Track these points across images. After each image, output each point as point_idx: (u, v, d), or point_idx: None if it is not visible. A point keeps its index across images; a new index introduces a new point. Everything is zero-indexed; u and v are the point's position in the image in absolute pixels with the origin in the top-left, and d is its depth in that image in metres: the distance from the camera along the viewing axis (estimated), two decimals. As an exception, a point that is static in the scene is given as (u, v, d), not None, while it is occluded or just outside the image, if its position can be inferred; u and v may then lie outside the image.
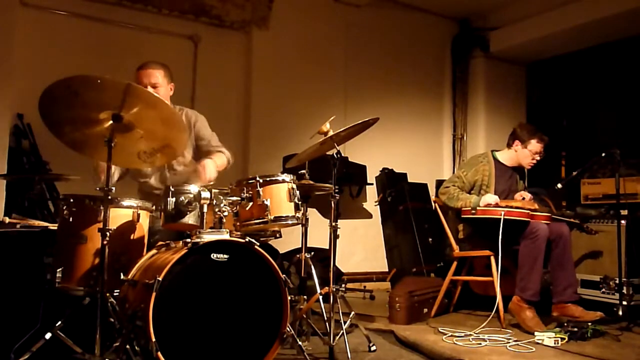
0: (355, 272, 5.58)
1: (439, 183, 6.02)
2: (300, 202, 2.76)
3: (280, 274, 2.42)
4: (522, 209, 3.59)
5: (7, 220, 2.95)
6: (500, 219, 3.51)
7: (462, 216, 3.84)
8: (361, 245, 5.80)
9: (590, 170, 4.68)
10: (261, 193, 2.62)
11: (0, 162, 4.09)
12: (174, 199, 2.49)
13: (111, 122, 2.36)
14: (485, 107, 6.66)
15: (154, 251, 2.55)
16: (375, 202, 5.76)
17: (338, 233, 2.98)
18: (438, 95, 6.74)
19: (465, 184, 3.88)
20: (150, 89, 3.03)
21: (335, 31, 5.89)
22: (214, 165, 2.99)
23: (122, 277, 2.46)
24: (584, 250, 4.33)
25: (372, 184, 5.84)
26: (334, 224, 2.96)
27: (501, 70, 6.80)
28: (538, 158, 3.94)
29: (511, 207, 3.61)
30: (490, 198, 3.70)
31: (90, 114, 2.34)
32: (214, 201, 2.52)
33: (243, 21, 5.37)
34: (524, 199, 3.82)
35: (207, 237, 2.35)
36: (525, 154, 3.93)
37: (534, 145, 3.89)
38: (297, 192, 2.75)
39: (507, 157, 4.02)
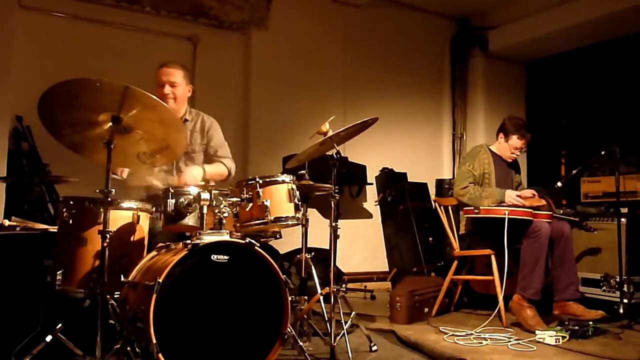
0: (355, 272, 5.57)
1: (439, 182, 6.03)
2: (300, 203, 2.76)
3: (281, 274, 2.42)
4: (524, 208, 3.60)
5: (7, 222, 2.95)
6: (502, 218, 3.51)
7: (465, 215, 3.85)
8: (361, 245, 5.79)
9: (590, 169, 4.69)
10: (261, 194, 2.62)
11: (-1, 165, 4.09)
12: (173, 201, 2.48)
13: (110, 124, 2.36)
14: (484, 106, 6.66)
15: (154, 253, 2.55)
16: (375, 202, 5.76)
17: (338, 233, 2.97)
18: (437, 94, 6.74)
19: (476, 177, 3.90)
20: (168, 88, 3.14)
21: (334, 31, 5.89)
22: (200, 172, 3.01)
23: (122, 279, 2.46)
24: (584, 248, 4.33)
25: (372, 184, 5.84)
26: (334, 224, 2.95)
27: (500, 69, 6.80)
28: (518, 153, 4.01)
29: (513, 206, 3.62)
30: (512, 193, 3.73)
31: (89, 116, 2.35)
32: (214, 202, 2.51)
33: (242, 22, 5.37)
34: (534, 195, 3.81)
35: (207, 238, 2.35)
36: (505, 147, 4.00)
37: (514, 140, 3.95)
38: (297, 193, 2.75)
39: (496, 148, 4.08)
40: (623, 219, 4.03)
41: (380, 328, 3.54)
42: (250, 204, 2.61)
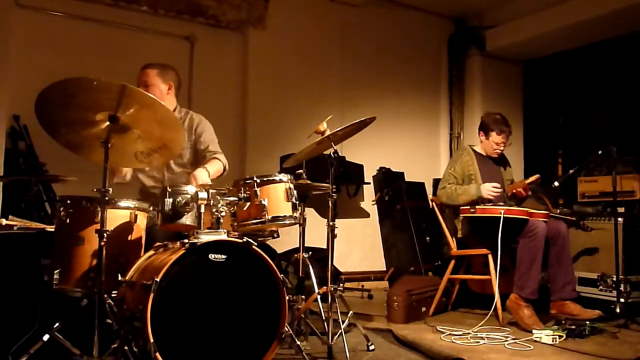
0: (353, 272, 5.58)
1: (436, 182, 6.01)
2: (297, 202, 2.76)
3: (278, 274, 2.42)
4: (521, 208, 3.61)
5: (4, 222, 2.94)
6: (498, 217, 3.52)
7: (461, 215, 3.85)
8: (359, 245, 5.79)
9: (586, 168, 4.70)
10: (259, 193, 2.61)
11: (-4, 164, 4.09)
12: (171, 200, 2.48)
13: (108, 123, 2.36)
14: (481, 106, 6.66)
15: (151, 252, 2.55)
16: (373, 201, 5.76)
17: (336, 232, 2.98)
18: (435, 94, 6.75)
19: (458, 179, 3.96)
20: (141, 89, 3.09)
21: (331, 30, 5.89)
22: (207, 173, 2.99)
23: (119, 278, 2.45)
24: (581, 247, 4.34)
25: (369, 183, 5.84)
26: (331, 223, 2.95)
27: (497, 69, 6.80)
28: (501, 148, 4.03)
29: (510, 205, 3.63)
30: (487, 185, 3.76)
31: (86, 115, 2.34)
32: (212, 201, 2.51)
33: (239, 21, 5.37)
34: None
35: (205, 237, 2.34)
36: (488, 144, 4.03)
37: (494, 137, 3.98)
38: (295, 192, 2.74)
39: (480, 148, 4.11)
40: (620, 219, 4.04)
41: (377, 327, 3.54)
42: (248, 203, 2.61)
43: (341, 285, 3.17)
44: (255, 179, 2.64)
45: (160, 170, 3.20)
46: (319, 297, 3.03)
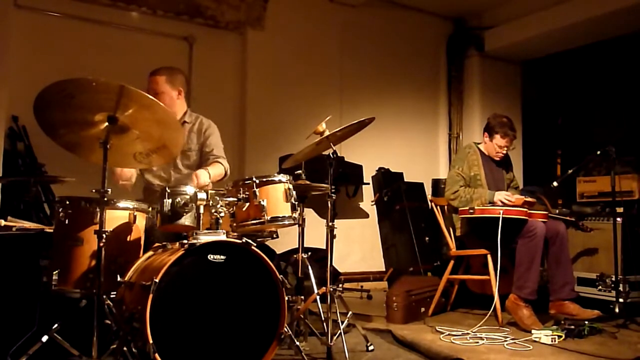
0: (352, 272, 5.58)
1: (435, 182, 6.04)
2: (296, 203, 2.76)
3: (278, 274, 2.42)
4: (519, 208, 3.61)
5: (3, 223, 2.94)
6: (497, 217, 3.52)
7: (460, 215, 3.85)
8: (358, 245, 5.79)
9: (585, 168, 4.70)
10: (258, 194, 2.61)
11: (-5, 165, 4.08)
12: (170, 200, 2.48)
13: (106, 124, 2.36)
14: (480, 106, 6.67)
15: (150, 253, 2.55)
16: (372, 201, 5.77)
17: (335, 233, 2.98)
18: (434, 94, 6.75)
19: (466, 179, 3.92)
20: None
21: (330, 31, 5.89)
22: (207, 175, 3.01)
23: (118, 279, 2.45)
24: (580, 248, 4.34)
25: (368, 184, 5.84)
26: (330, 224, 2.95)
27: (496, 69, 6.80)
28: (504, 151, 4.01)
29: (509, 206, 3.63)
30: (502, 193, 3.75)
31: (85, 116, 2.34)
32: (211, 202, 2.51)
33: (238, 22, 5.37)
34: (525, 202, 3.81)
35: (204, 238, 2.34)
36: (491, 146, 4.01)
37: (498, 139, 3.96)
38: (294, 193, 2.74)
39: (483, 148, 4.10)
40: (619, 219, 4.04)
41: (376, 328, 3.54)
42: (247, 204, 2.61)
43: (340, 285, 3.16)
44: (254, 179, 2.64)
45: (167, 170, 3.23)
46: (318, 297, 3.03)
